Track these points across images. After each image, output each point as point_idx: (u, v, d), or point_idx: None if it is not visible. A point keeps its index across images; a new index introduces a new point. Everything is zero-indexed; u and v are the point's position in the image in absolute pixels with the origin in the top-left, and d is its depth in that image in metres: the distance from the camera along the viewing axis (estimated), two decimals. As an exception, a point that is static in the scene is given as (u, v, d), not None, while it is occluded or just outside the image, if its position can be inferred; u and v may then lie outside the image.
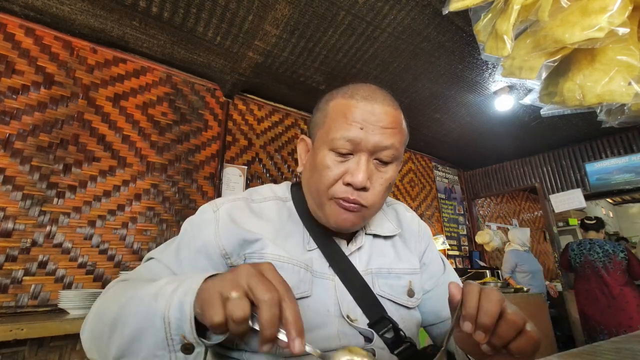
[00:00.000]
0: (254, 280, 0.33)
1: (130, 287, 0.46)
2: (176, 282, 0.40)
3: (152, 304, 0.39)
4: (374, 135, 0.53)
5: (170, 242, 0.60)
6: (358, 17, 1.95)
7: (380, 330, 0.55)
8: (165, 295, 0.38)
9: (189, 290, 0.37)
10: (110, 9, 1.84)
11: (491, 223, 5.24)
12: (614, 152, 3.62)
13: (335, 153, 0.55)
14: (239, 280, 0.34)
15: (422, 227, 0.75)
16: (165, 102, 2.32)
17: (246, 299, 0.33)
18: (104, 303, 0.48)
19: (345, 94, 0.57)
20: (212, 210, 0.59)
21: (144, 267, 0.57)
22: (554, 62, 0.71)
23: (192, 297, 0.36)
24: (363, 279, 0.59)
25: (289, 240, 0.59)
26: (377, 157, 0.55)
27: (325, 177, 0.55)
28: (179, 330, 0.36)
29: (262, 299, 0.32)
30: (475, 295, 0.39)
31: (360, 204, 0.54)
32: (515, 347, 0.38)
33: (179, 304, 0.36)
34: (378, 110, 0.54)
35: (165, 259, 0.56)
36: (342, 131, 0.53)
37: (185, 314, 0.36)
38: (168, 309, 0.37)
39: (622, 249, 2.77)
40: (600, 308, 2.71)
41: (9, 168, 1.69)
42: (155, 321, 0.37)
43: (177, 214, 2.19)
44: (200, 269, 0.54)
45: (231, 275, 0.35)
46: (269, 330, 0.32)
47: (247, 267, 0.35)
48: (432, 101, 2.94)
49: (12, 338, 1.16)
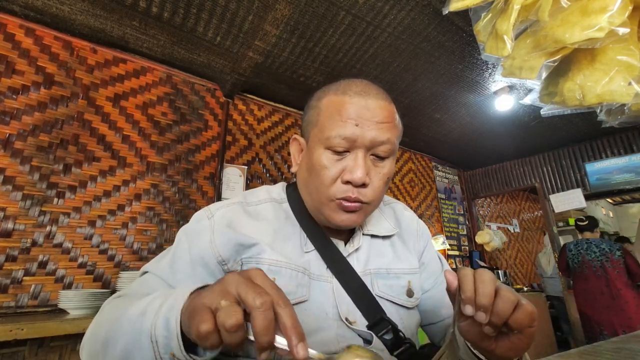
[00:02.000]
0: (244, 286, 0.32)
1: (122, 305, 0.45)
2: (162, 298, 0.38)
3: (139, 321, 0.37)
4: (370, 131, 0.52)
5: (165, 253, 0.59)
6: (358, 17, 1.95)
7: (380, 331, 0.55)
8: (151, 312, 0.37)
9: (174, 305, 0.36)
10: (110, 9, 1.84)
11: (491, 223, 5.24)
12: (614, 152, 3.62)
13: (331, 151, 0.54)
14: (228, 288, 0.32)
15: (420, 226, 0.75)
16: (165, 102, 2.32)
17: (237, 306, 0.31)
18: (99, 321, 0.47)
19: (337, 90, 0.56)
20: (206, 218, 0.58)
21: (138, 282, 0.56)
22: (554, 62, 0.71)
23: (178, 312, 0.35)
24: (361, 280, 0.59)
25: (286, 243, 0.59)
26: (373, 153, 0.55)
27: (324, 176, 0.54)
28: (167, 348, 0.35)
29: (253, 304, 0.30)
30: (470, 278, 0.40)
31: (361, 202, 0.54)
32: (514, 321, 0.38)
33: (164, 320, 0.35)
34: (372, 105, 0.53)
35: (160, 272, 0.55)
36: (338, 129, 0.52)
37: (171, 331, 0.34)
38: (154, 326, 0.35)
39: (619, 247, 2.77)
40: (599, 308, 2.71)
41: (9, 168, 1.69)
42: (143, 340, 0.36)
43: (177, 214, 2.19)
44: (199, 279, 0.53)
45: (219, 285, 0.33)
46: (265, 337, 0.30)
47: (234, 275, 0.34)
48: (432, 101, 2.94)
49: (12, 338, 1.16)
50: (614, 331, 2.59)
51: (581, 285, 2.88)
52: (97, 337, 0.44)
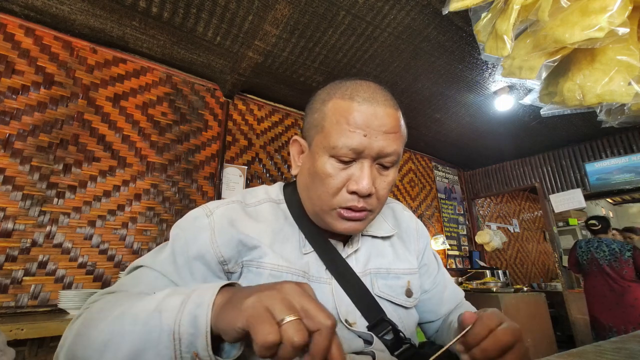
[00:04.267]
0: (309, 303, 0.31)
1: (119, 303, 0.42)
2: (181, 295, 0.36)
3: (153, 320, 0.35)
4: (377, 141, 0.51)
5: (161, 248, 0.56)
6: (358, 17, 1.95)
7: (380, 332, 0.55)
8: (171, 310, 0.35)
9: (201, 302, 0.34)
10: (110, 9, 1.84)
11: (491, 223, 5.24)
12: (614, 152, 3.62)
13: (336, 160, 0.53)
14: (291, 300, 0.31)
15: (419, 226, 0.75)
16: (165, 102, 2.32)
17: (303, 323, 0.30)
18: (88, 323, 0.41)
19: (344, 94, 0.54)
20: (205, 216, 0.56)
21: (132, 277, 0.52)
22: (554, 62, 0.71)
23: (207, 309, 0.34)
24: (361, 280, 0.59)
25: (285, 244, 0.58)
26: (379, 162, 0.54)
27: (328, 185, 0.53)
28: (191, 347, 0.34)
29: (324, 324, 0.30)
30: (482, 335, 0.42)
31: (366, 210, 0.54)
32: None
33: (192, 317, 0.34)
34: (381, 113, 0.52)
35: (160, 267, 0.52)
36: (345, 139, 0.51)
37: (200, 329, 0.33)
38: (178, 324, 0.34)
39: (630, 248, 2.76)
40: (608, 305, 2.70)
41: (9, 168, 1.69)
42: (162, 338, 0.34)
43: (177, 214, 2.19)
44: (199, 276, 0.52)
45: (277, 292, 0.32)
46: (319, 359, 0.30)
47: (293, 286, 0.33)
48: (432, 101, 2.94)
49: (12, 338, 1.16)
50: (624, 329, 2.57)
51: (590, 282, 2.88)
52: (88, 341, 0.39)
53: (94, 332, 0.39)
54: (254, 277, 0.54)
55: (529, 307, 3.02)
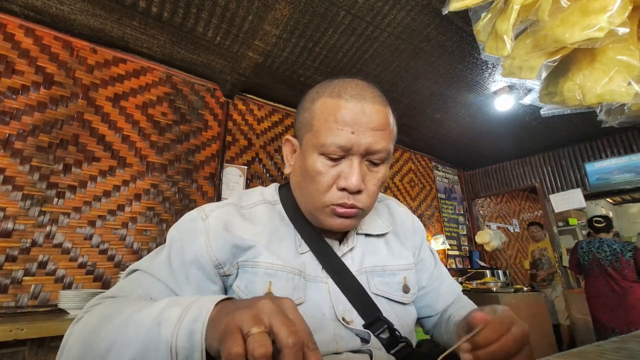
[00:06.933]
0: (277, 319, 0.31)
1: (121, 308, 0.43)
2: (180, 307, 0.37)
3: (153, 330, 0.36)
4: (365, 138, 0.52)
5: (158, 252, 0.56)
6: (358, 17, 1.95)
7: (376, 330, 0.55)
8: (170, 322, 0.36)
9: (198, 317, 0.35)
10: (110, 9, 1.84)
11: (491, 223, 5.24)
12: (614, 152, 3.63)
13: (325, 157, 0.53)
14: (261, 315, 0.32)
15: (415, 222, 0.75)
16: (165, 102, 2.32)
17: (268, 336, 0.30)
18: (88, 326, 0.42)
19: (332, 93, 0.54)
20: (200, 219, 0.57)
21: (129, 281, 0.53)
22: (554, 62, 0.71)
23: (203, 325, 0.34)
24: (357, 279, 0.59)
25: (281, 244, 0.58)
26: (368, 159, 0.54)
27: (319, 183, 0.54)
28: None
29: (286, 343, 0.29)
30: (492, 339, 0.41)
31: (356, 207, 0.54)
32: None
33: (188, 332, 0.34)
34: (368, 109, 0.52)
35: (157, 272, 0.52)
36: (333, 137, 0.51)
37: (195, 344, 0.34)
38: (175, 337, 0.34)
39: (631, 248, 2.75)
40: (610, 306, 2.69)
41: (9, 168, 1.69)
42: (160, 350, 0.35)
43: (177, 214, 2.19)
44: (194, 281, 0.53)
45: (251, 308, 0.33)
46: None
47: (268, 302, 0.33)
48: (432, 101, 2.94)
49: (12, 338, 1.16)
50: (626, 330, 2.56)
51: (591, 283, 2.87)
52: (90, 345, 0.40)
53: (96, 338, 0.39)
54: (249, 277, 0.54)
55: (529, 307, 3.02)
